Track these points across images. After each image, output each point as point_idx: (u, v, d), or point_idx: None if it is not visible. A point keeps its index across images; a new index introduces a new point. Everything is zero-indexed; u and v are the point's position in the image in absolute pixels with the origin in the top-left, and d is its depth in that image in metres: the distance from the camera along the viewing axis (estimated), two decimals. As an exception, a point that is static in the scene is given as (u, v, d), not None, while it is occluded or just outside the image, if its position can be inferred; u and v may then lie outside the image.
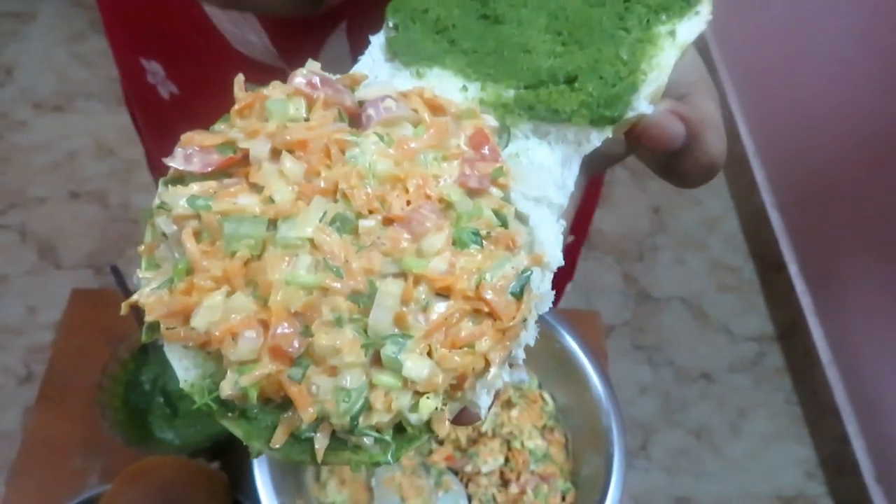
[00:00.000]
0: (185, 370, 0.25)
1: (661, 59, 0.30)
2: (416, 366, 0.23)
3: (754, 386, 1.87)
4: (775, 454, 1.77)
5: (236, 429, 0.24)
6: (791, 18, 1.93)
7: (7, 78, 2.25)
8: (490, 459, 0.72)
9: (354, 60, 0.37)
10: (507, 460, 0.74)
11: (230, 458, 0.74)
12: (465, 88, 0.29)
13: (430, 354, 0.23)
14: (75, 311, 0.88)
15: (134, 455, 0.71)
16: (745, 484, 1.73)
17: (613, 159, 0.34)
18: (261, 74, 0.59)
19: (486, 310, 0.24)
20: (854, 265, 1.71)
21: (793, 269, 1.90)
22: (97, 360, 0.76)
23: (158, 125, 0.76)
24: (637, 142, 0.30)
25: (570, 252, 0.94)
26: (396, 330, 0.23)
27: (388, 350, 0.23)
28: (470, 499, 0.72)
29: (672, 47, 0.30)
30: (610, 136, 0.29)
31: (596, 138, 0.29)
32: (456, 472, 0.73)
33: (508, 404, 0.76)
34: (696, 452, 1.76)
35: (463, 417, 0.26)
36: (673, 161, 0.30)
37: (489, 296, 0.24)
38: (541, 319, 0.27)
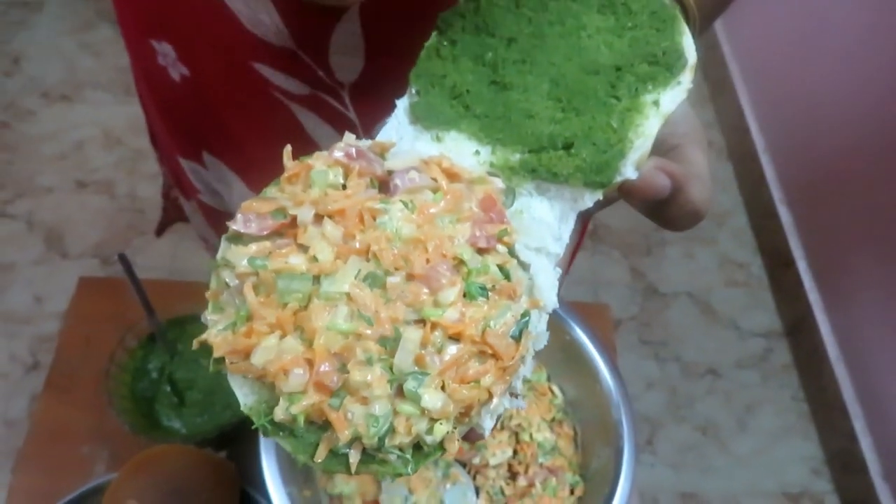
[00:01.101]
0: (244, 396, 0.30)
1: (645, 128, 0.34)
2: (432, 398, 0.28)
3: (761, 382, 1.86)
4: (782, 451, 1.76)
5: (286, 444, 0.30)
6: (801, 14, 1.92)
7: (15, 67, 2.25)
8: (498, 452, 0.72)
9: (365, 41, 0.38)
10: (515, 453, 0.73)
11: (237, 447, 0.74)
12: (477, 153, 0.34)
13: (443, 388, 0.28)
14: (83, 299, 0.88)
15: (141, 443, 0.70)
16: (752, 480, 1.72)
17: (606, 203, 0.38)
18: (272, 56, 0.58)
19: (490, 352, 0.29)
20: (862, 261, 1.69)
21: (801, 265, 1.89)
22: (104, 349, 0.76)
23: (169, 107, 0.75)
24: (627, 195, 0.35)
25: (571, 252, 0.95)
26: (416, 368, 0.28)
27: (409, 385, 0.28)
28: (478, 491, 0.72)
29: (656, 116, 0.35)
30: (600, 197, 0.34)
31: (589, 199, 0.34)
32: (464, 465, 0.73)
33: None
34: (703, 448, 1.75)
35: (469, 436, 0.31)
36: (660, 209, 0.35)
37: (492, 340, 0.29)
38: (551, 312, 0.33)
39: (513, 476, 0.72)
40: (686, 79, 0.36)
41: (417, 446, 0.29)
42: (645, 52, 0.36)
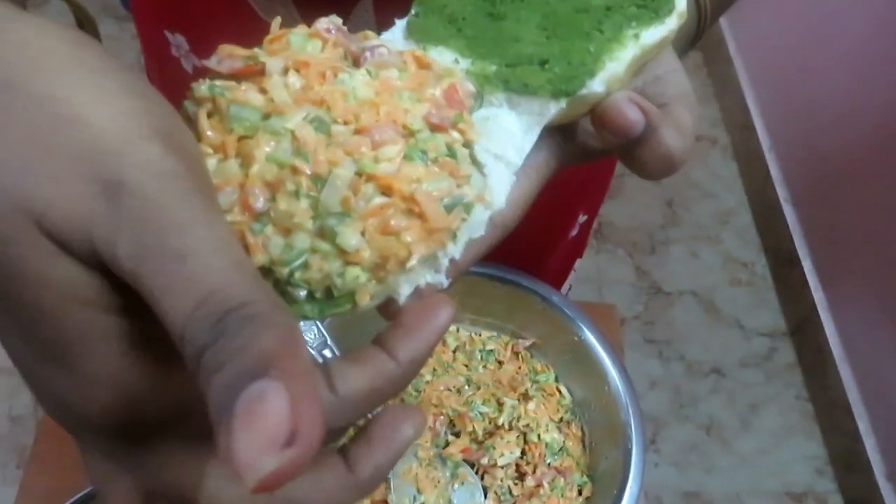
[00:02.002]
0: None
1: (621, 52, 0.35)
2: (348, 236, 0.28)
3: (765, 381, 1.86)
4: (785, 450, 1.77)
5: None
6: (807, 12, 1.91)
7: (20, 63, 2.26)
8: (506, 452, 0.72)
9: (379, 30, 0.40)
10: (523, 453, 0.73)
11: (247, 446, 0.74)
12: (456, 62, 0.35)
13: (363, 235, 0.28)
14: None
15: (151, 442, 0.71)
16: (755, 479, 1.72)
17: (590, 153, 0.38)
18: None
19: (418, 211, 0.29)
20: (868, 261, 1.69)
21: (806, 264, 1.89)
22: (114, 347, 0.76)
23: (181, 100, 0.76)
24: (600, 123, 0.34)
25: (581, 231, 0.95)
26: (341, 209, 0.28)
27: (329, 221, 0.28)
28: (486, 491, 0.72)
29: (634, 46, 0.35)
30: (563, 106, 0.34)
31: (553, 107, 0.34)
32: (472, 465, 0.73)
33: (525, 397, 0.76)
34: (706, 447, 1.76)
35: (387, 309, 0.30)
36: (632, 149, 0.34)
37: (421, 198, 0.29)
38: (560, 313, 0.30)
39: (521, 476, 0.73)
40: (672, 22, 0.36)
41: (329, 294, 0.29)
42: None
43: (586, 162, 0.40)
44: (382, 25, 0.56)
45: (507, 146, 0.34)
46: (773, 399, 1.84)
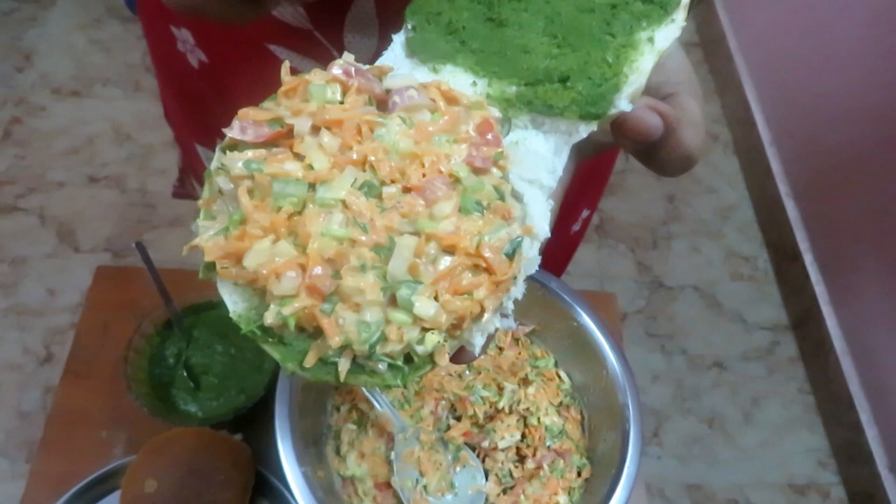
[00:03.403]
0: (234, 303, 0.30)
1: (640, 63, 0.34)
2: (425, 306, 0.28)
3: (767, 375, 1.87)
4: (788, 443, 1.77)
5: (274, 352, 0.29)
6: (808, 8, 1.92)
7: (26, 63, 2.28)
8: (507, 435, 0.73)
9: (379, 20, 0.40)
10: (523, 436, 0.74)
11: (252, 430, 0.76)
12: (474, 84, 0.34)
13: (436, 298, 0.28)
14: (100, 288, 0.89)
15: (158, 427, 0.72)
16: (758, 472, 1.73)
17: (600, 147, 0.39)
18: (287, 37, 0.60)
19: (484, 265, 0.29)
20: (868, 254, 1.70)
21: (807, 258, 1.90)
22: (121, 336, 0.78)
23: (187, 94, 0.77)
24: (619, 132, 0.34)
25: (583, 225, 0.96)
26: (410, 277, 0.28)
27: (402, 292, 0.28)
28: (487, 473, 0.73)
29: (651, 53, 0.35)
30: (595, 129, 0.34)
31: (584, 130, 0.34)
32: (473, 448, 0.74)
33: (525, 381, 0.77)
34: (709, 440, 1.76)
35: (461, 356, 0.31)
36: (652, 151, 0.35)
37: (487, 253, 0.29)
38: (559, 299, 0.31)
39: (521, 459, 0.74)
40: (679, 17, 0.36)
41: (408, 359, 0.29)
42: None
43: (596, 155, 0.40)
44: (382, 17, 0.57)
45: (539, 170, 0.33)
46: (775, 392, 1.84)
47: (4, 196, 1.98)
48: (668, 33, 0.35)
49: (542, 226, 0.32)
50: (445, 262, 0.28)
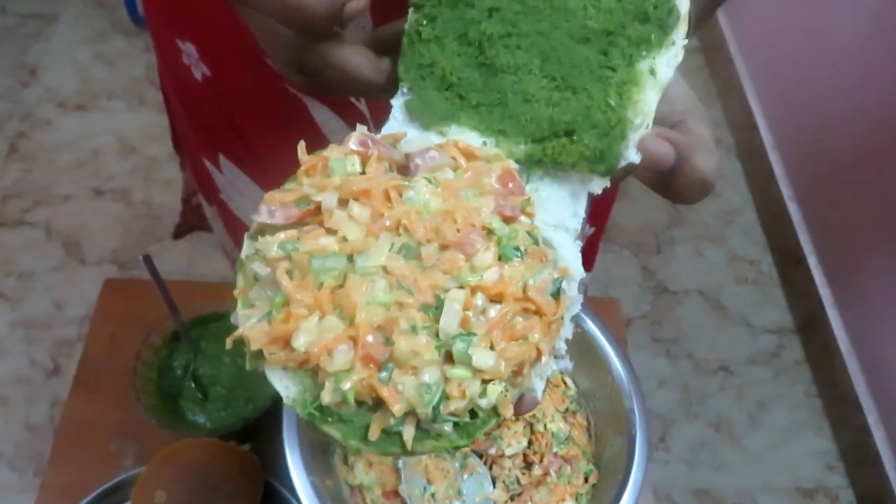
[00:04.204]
0: (286, 388, 0.29)
1: (644, 103, 0.34)
2: (483, 357, 0.27)
3: (774, 378, 1.87)
4: (795, 446, 1.77)
5: (336, 431, 0.29)
6: (808, 11, 1.92)
7: (31, 78, 2.29)
8: (514, 442, 0.74)
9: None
10: (530, 443, 0.75)
11: (260, 440, 0.76)
12: (485, 144, 0.34)
13: (492, 348, 0.28)
14: (107, 300, 0.90)
15: (167, 438, 0.72)
16: (765, 476, 1.73)
17: (614, 181, 0.38)
18: None
19: (533, 308, 0.29)
20: (873, 257, 1.70)
21: (812, 261, 1.90)
22: (129, 348, 0.78)
23: (192, 107, 0.78)
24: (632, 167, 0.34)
25: (591, 242, 0.96)
26: (462, 331, 0.28)
27: (458, 347, 0.27)
28: (494, 481, 0.74)
29: (653, 87, 0.34)
30: (608, 184, 0.34)
31: (597, 186, 0.34)
32: (480, 455, 0.74)
33: (531, 388, 0.77)
34: (716, 445, 1.76)
35: (523, 405, 0.31)
36: (666, 179, 0.34)
37: (535, 296, 0.29)
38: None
39: (528, 465, 0.74)
40: (679, 35, 0.35)
41: (472, 415, 0.29)
42: (634, 6, 0.34)
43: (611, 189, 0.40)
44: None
45: (563, 214, 0.34)
46: (782, 395, 1.84)
47: (11, 210, 1.99)
48: (668, 59, 0.34)
49: (576, 266, 0.32)
50: (495, 311, 0.28)
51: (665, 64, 0.34)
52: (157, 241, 1.94)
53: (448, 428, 0.28)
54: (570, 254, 0.33)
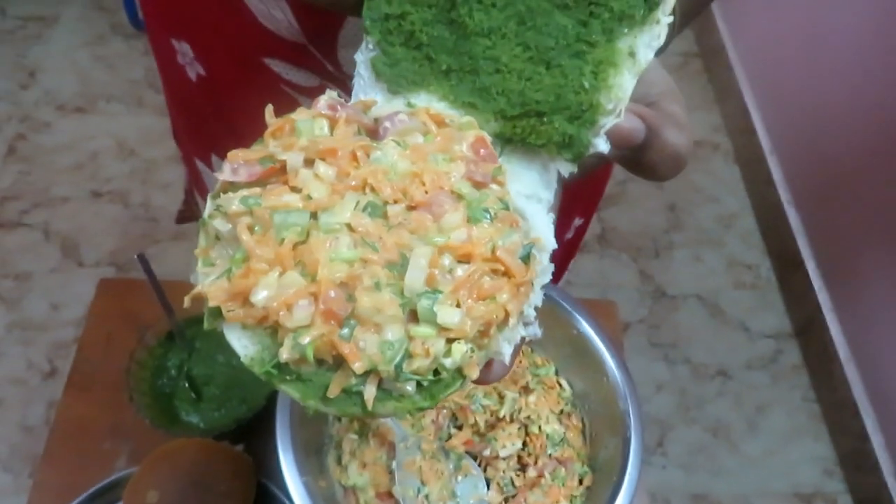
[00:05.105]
0: (244, 347, 0.28)
1: (619, 88, 0.32)
2: (448, 314, 0.27)
3: (772, 383, 1.86)
4: (793, 451, 1.77)
5: (294, 391, 0.28)
6: (807, 16, 1.93)
7: (31, 80, 2.30)
8: (508, 444, 0.73)
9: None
10: (524, 445, 0.74)
11: (254, 440, 0.76)
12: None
13: (458, 306, 0.27)
14: (102, 300, 0.90)
15: (160, 438, 0.72)
16: (763, 481, 1.72)
17: (589, 167, 0.37)
18: (283, 50, 0.61)
19: (502, 269, 0.28)
20: (871, 261, 1.70)
21: (810, 265, 1.90)
22: (124, 348, 0.78)
23: (186, 107, 0.78)
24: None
25: (577, 234, 0.97)
26: (428, 289, 0.27)
27: (423, 304, 0.27)
28: (488, 482, 0.73)
29: (631, 71, 0.33)
30: (575, 170, 0.33)
31: (564, 169, 0.33)
32: (474, 457, 0.74)
33: (526, 390, 0.77)
34: (714, 450, 1.76)
35: (489, 372, 0.30)
36: (637, 156, 0.34)
37: (503, 255, 0.28)
38: (559, 307, 0.31)
39: (523, 467, 0.74)
40: (665, 13, 0.33)
41: (436, 375, 0.28)
42: None
43: (586, 174, 0.39)
44: None
45: (535, 184, 0.33)
46: (780, 400, 1.84)
47: (9, 212, 1.99)
48: (651, 39, 0.33)
49: (548, 237, 0.31)
50: (462, 270, 0.27)
51: (646, 44, 0.33)
52: (155, 242, 1.94)
53: (410, 388, 0.27)
54: (542, 224, 0.32)
